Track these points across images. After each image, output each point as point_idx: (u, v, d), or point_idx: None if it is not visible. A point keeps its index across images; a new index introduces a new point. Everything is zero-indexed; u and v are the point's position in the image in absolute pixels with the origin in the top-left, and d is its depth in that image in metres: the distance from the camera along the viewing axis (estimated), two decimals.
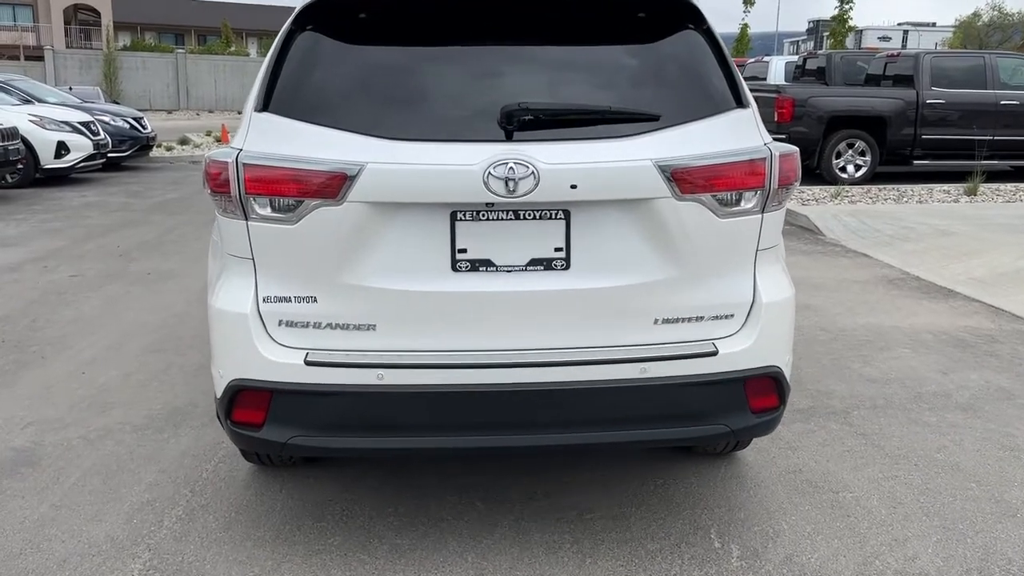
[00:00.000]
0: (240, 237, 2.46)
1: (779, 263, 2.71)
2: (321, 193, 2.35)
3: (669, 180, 2.39)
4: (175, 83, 39.82)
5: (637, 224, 2.45)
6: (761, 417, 2.61)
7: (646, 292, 2.49)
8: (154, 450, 3.59)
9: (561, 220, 2.44)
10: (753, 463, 3.46)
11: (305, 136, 2.40)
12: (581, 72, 2.59)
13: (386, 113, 2.45)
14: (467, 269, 2.45)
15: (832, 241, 8.34)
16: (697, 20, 2.62)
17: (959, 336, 5.22)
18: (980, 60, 13.01)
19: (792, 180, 2.54)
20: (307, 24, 2.56)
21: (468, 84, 2.55)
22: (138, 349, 4.93)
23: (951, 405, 4.10)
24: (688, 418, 2.55)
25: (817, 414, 3.98)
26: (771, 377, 2.59)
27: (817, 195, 10.87)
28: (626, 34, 2.62)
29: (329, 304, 2.46)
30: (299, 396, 2.46)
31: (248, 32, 58.32)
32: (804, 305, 5.87)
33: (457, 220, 2.43)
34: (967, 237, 7.95)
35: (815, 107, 12.39)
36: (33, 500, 3.16)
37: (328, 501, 3.15)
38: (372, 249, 2.42)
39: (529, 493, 3.19)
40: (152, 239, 8.46)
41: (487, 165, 2.33)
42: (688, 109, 2.50)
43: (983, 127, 12.39)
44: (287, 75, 2.51)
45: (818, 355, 4.83)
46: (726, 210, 2.47)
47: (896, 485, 3.28)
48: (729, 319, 2.57)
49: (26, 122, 12.25)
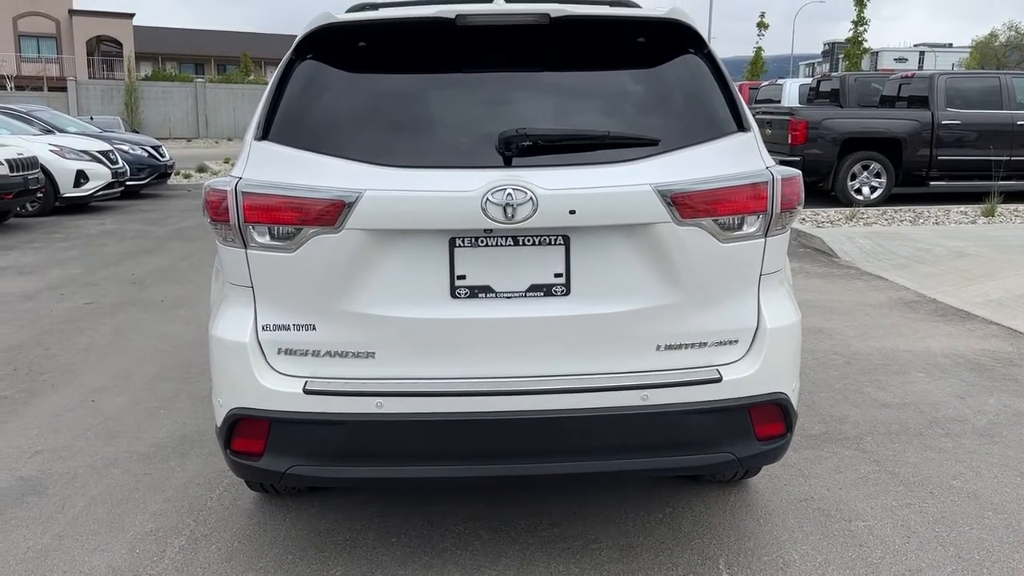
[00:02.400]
0: (239, 265, 2.46)
1: (784, 287, 2.67)
2: (319, 221, 2.35)
3: (669, 205, 2.36)
4: (194, 112, 40.37)
5: (638, 249, 2.42)
6: (767, 445, 2.56)
7: (648, 318, 2.46)
8: (160, 478, 3.57)
9: (561, 245, 2.42)
10: (763, 491, 3.40)
11: (304, 164, 2.40)
12: (580, 97, 2.58)
13: (385, 140, 2.44)
14: (466, 295, 2.44)
15: (847, 263, 8.26)
16: (698, 44, 2.61)
17: (976, 360, 5.13)
18: (996, 80, 12.93)
19: (795, 204, 2.50)
20: (308, 53, 2.57)
21: (466, 110, 2.54)
22: (148, 377, 4.94)
23: (968, 431, 4.02)
24: (692, 446, 2.50)
25: (830, 440, 3.91)
26: (777, 404, 2.54)
27: (832, 217, 10.80)
28: (626, 59, 2.61)
29: (328, 332, 2.45)
30: (298, 425, 2.44)
31: (267, 61, 59.03)
32: (818, 328, 5.81)
33: (456, 246, 2.41)
34: (984, 259, 7.84)
35: (829, 129, 12.35)
36: (37, 530, 3.15)
37: (331, 530, 3.12)
38: (371, 276, 2.41)
39: (535, 522, 3.15)
40: (167, 266, 8.52)
41: (485, 191, 2.31)
42: (689, 133, 2.48)
43: (999, 148, 12.29)
44: (287, 103, 2.51)
45: (831, 379, 4.76)
46: (728, 235, 2.44)
47: (911, 513, 3.21)
48: (733, 345, 2.53)
49: (46, 152, 12.43)
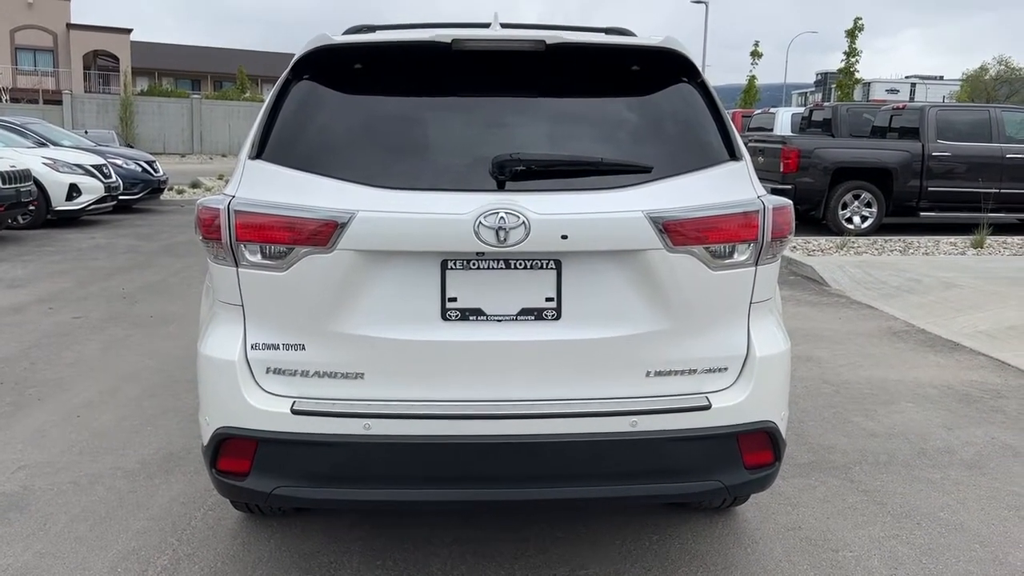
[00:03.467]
0: (230, 284, 2.45)
1: (773, 316, 2.68)
2: (311, 241, 2.35)
3: (661, 232, 2.37)
4: (189, 127, 40.44)
5: (629, 275, 2.43)
6: (755, 473, 2.56)
7: (638, 344, 2.46)
8: (144, 496, 3.54)
9: (552, 270, 2.43)
10: (751, 519, 3.39)
11: (297, 184, 2.40)
12: (574, 123, 2.60)
13: (378, 162, 2.45)
14: (457, 318, 2.43)
15: (837, 292, 8.29)
16: (691, 73, 2.63)
17: (964, 391, 5.15)
18: (986, 114, 13.07)
19: (786, 233, 2.52)
20: (304, 73, 2.59)
21: (460, 134, 2.56)
22: (135, 393, 4.90)
23: (955, 462, 4.02)
24: (680, 473, 2.50)
25: (818, 469, 3.91)
26: (766, 432, 2.54)
27: (823, 246, 10.86)
28: (620, 86, 2.63)
29: (317, 352, 2.44)
30: (285, 446, 2.43)
31: (263, 79, 59.23)
32: (807, 357, 5.82)
33: (448, 269, 2.41)
34: (973, 290, 7.89)
35: (820, 158, 12.44)
36: (18, 547, 3.11)
37: (316, 552, 3.09)
38: (362, 297, 2.41)
39: (521, 547, 3.13)
40: (157, 282, 8.49)
41: (478, 214, 2.32)
42: (681, 161, 2.50)
43: (989, 180, 12.40)
44: (282, 123, 2.52)
45: (820, 408, 4.77)
46: (719, 262, 2.45)
47: (898, 545, 3.20)
48: (723, 372, 2.53)
49: (40, 164, 12.43)
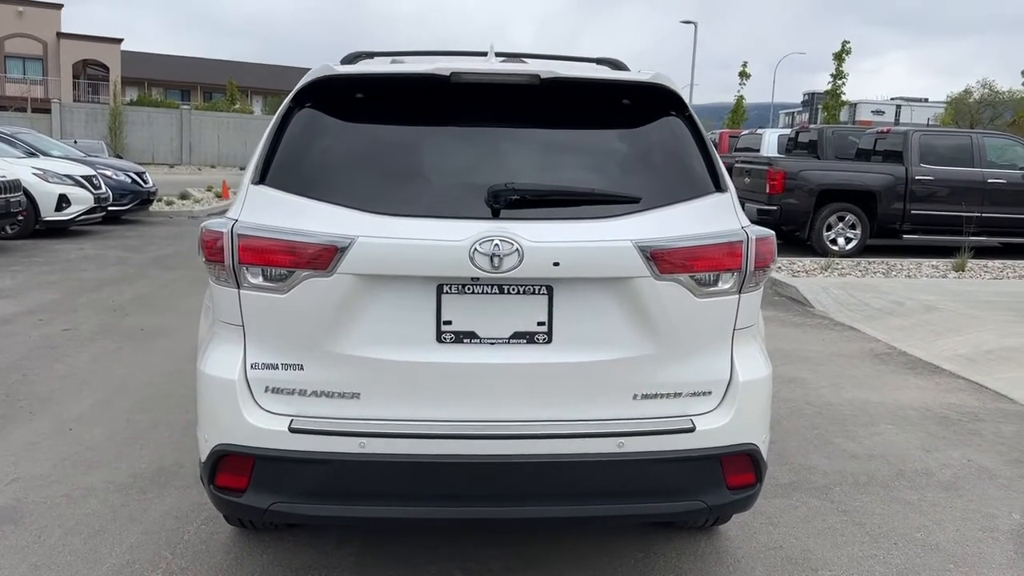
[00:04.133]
0: (231, 304, 2.52)
1: (756, 342, 2.77)
2: (312, 264, 2.43)
3: (648, 260, 2.47)
4: (179, 138, 40.42)
5: (618, 301, 2.52)
6: (738, 494, 2.65)
7: (626, 368, 2.55)
8: (137, 510, 3.59)
9: (544, 295, 2.51)
10: (734, 538, 3.47)
11: (299, 209, 2.49)
12: (567, 154, 2.70)
13: (377, 189, 2.54)
14: (451, 341, 2.52)
15: (821, 313, 8.42)
16: (679, 107, 2.74)
17: (942, 413, 5.27)
18: (968, 139, 13.32)
19: (768, 262, 2.62)
20: (306, 102, 2.68)
21: (457, 163, 2.65)
22: (126, 407, 4.94)
23: (933, 483, 4.13)
24: (665, 493, 2.58)
25: (799, 489, 4.00)
26: (748, 454, 2.63)
27: (808, 267, 11.01)
28: (611, 119, 2.73)
29: (315, 372, 2.52)
30: (282, 463, 2.50)
31: (253, 90, 59.30)
32: (790, 378, 5.93)
33: (443, 293, 2.50)
34: (953, 313, 8.04)
35: (806, 180, 12.63)
36: (13, 559, 3.16)
37: (308, 567, 3.15)
38: (359, 319, 2.49)
39: (509, 564, 3.20)
40: (147, 294, 8.52)
41: (473, 241, 2.41)
42: (669, 192, 2.60)
43: (970, 204, 12.62)
44: (284, 150, 2.61)
45: (802, 429, 4.87)
46: (704, 290, 2.54)
47: (875, 564, 3.30)
48: (707, 396, 2.62)
49: (29, 175, 12.44)
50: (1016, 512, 3.81)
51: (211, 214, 17.85)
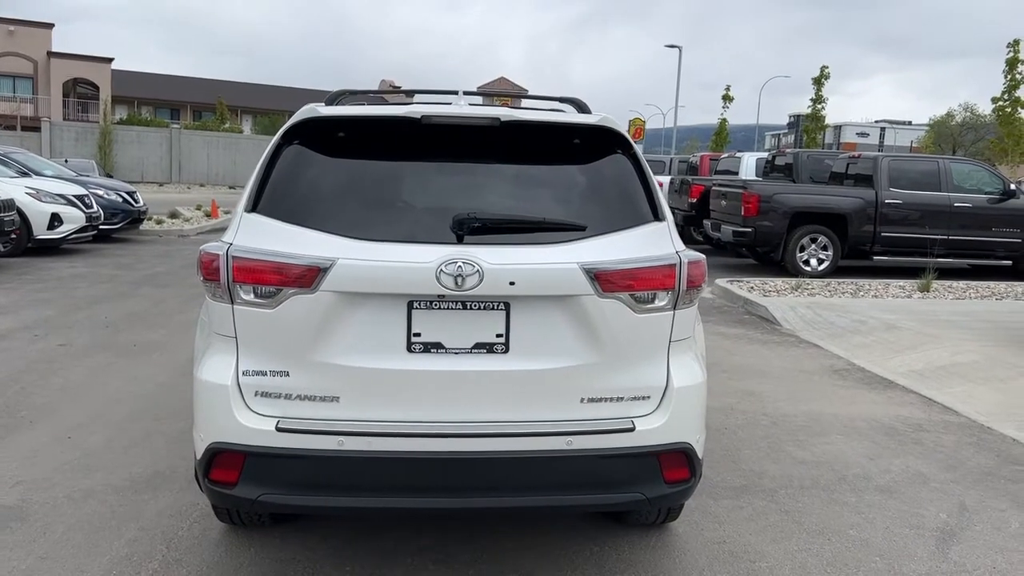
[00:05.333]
0: (226, 318, 2.85)
1: (692, 352, 3.12)
2: (298, 283, 2.77)
3: (593, 280, 2.82)
4: (168, 157, 40.72)
5: (566, 316, 2.87)
6: (674, 487, 2.98)
7: (574, 375, 2.89)
8: (134, 510, 3.89)
9: (502, 311, 2.86)
10: (682, 534, 3.80)
11: (286, 235, 2.83)
12: (523, 187, 3.05)
13: (356, 216, 2.88)
14: (420, 350, 2.85)
15: (788, 332, 8.80)
16: (624, 146, 3.10)
17: (890, 424, 5.62)
18: (935, 164, 13.82)
19: (699, 283, 2.98)
20: (294, 139, 3.03)
21: (426, 194, 3.00)
22: (122, 417, 5.24)
23: (871, 487, 4.47)
24: (609, 486, 2.92)
25: (748, 492, 4.34)
26: (683, 452, 2.97)
27: (779, 287, 11.40)
28: (563, 156, 3.10)
29: (300, 378, 2.84)
30: (270, 459, 2.82)
31: (243, 109, 59.76)
32: (750, 392, 6.28)
33: (413, 308, 2.83)
34: (911, 332, 8.43)
35: (780, 203, 13.07)
36: (21, 552, 3.45)
37: (292, 559, 3.46)
38: (339, 331, 2.82)
39: (477, 556, 3.51)
40: (139, 311, 8.81)
41: (439, 263, 2.75)
42: (612, 221, 2.96)
43: (937, 227, 13.09)
44: (274, 182, 2.95)
45: (757, 438, 5.21)
46: (642, 307, 2.89)
47: (808, 557, 3.63)
48: (646, 400, 2.96)
49: (23, 194, 12.74)
50: (943, 512, 4.16)
51: (200, 232, 18.15)
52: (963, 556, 3.68)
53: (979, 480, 4.62)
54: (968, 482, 4.59)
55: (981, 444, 5.26)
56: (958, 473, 4.72)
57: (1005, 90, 28.94)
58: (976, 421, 5.73)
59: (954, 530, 3.95)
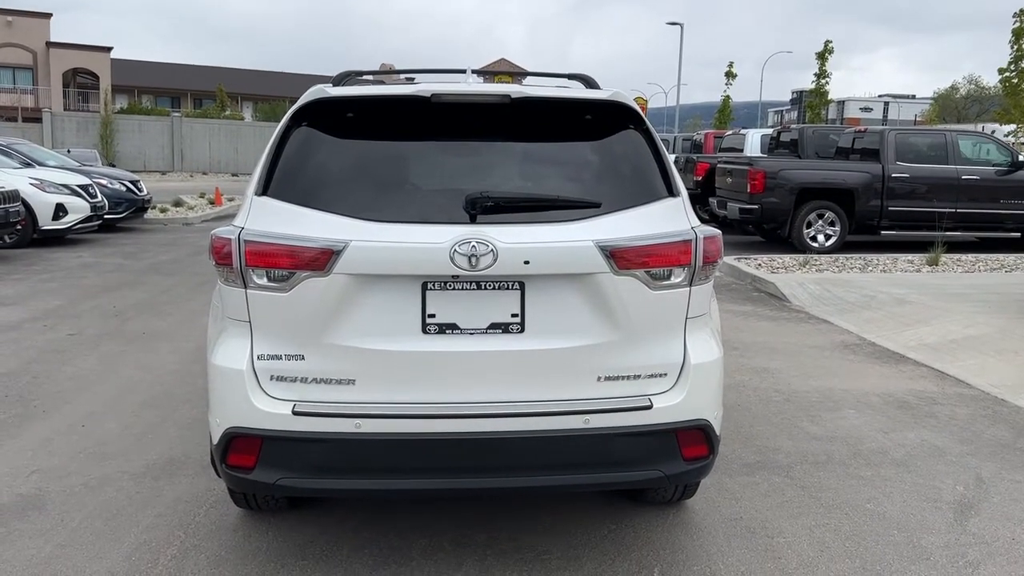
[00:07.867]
0: (239, 303, 2.84)
1: (708, 328, 3.10)
2: (311, 266, 2.75)
3: (608, 258, 2.79)
4: (170, 145, 40.66)
5: (582, 294, 2.84)
6: (692, 464, 2.97)
7: (590, 353, 2.87)
8: (151, 496, 3.89)
9: (517, 290, 2.83)
10: (698, 511, 3.80)
11: (298, 217, 2.80)
12: (536, 165, 3.03)
13: (368, 198, 2.86)
14: (435, 332, 2.83)
15: (797, 308, 8.77)
16: (636, 121, 3.07)
17: (903, 399, 5.60)
18: (942, 137, 13.72)
19: (716, 259, 2.95)
20: (302, 121, 3.00)
21: (438, 174, 2.97)
22: (134, 404, 5.24)
23: (887, 461, 4.46)
24: (627, 464, 2.91)
25: (763, 468, 4.33)
26: (700, 429, 2.96)
27: (787, 264, 11.35)
28: (575, 133, 3.07)
29: (315, 361, 2.83)
30: (287, 442, 2.81)
31: (243, 96, 59.59)
32: (763, 368, 6.27)
33: (427, 289, 2.81)
34: (922, 306, 8.39)
35: (786, 179, 12.99)
36: (40, 540, 3.46)
37: (310, 542, 3.46)
38: (353, 314, 2.80)
39: (493, 536, 3.51)
40: (146, 299, 8.81)
41: (453, 244, 2.73)
42: (627, 197, 2.93)
43: (945, 200, 13.01)
44: (283, 164, 2.92)
45: (770, 414, 5.20)
46: (658, 283, 2.87)
47: (826, 532, 3.62)
48: (663, 377, 2.95)
49: (27, 185, 12.73)
50: (960, 485, 4.15)
51: (205, 220, 18.14)
52: (981, 528, 3.67)
53: (995, 452, 4.61)
54: (984, 454, 4.57)
55: (996, 416, 5.24)
56: (973, 446, 4.70)
57: (1012, 60, 28.76)
58: (990, 393, 5.71)
59: (971, 502, 3.94)
